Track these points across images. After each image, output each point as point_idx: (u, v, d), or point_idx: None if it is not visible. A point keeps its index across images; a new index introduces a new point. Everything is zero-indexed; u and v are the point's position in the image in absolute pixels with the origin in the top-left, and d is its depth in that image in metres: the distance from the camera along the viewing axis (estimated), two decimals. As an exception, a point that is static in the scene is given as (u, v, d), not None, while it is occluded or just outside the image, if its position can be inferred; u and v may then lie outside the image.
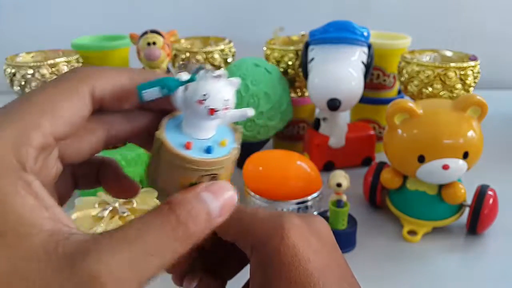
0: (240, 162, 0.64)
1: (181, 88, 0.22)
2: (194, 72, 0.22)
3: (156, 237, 0.18)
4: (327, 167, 0.62)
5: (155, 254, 0.18)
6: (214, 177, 0.22)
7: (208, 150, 0.22)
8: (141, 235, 0.18)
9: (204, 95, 0.21)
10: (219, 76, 0.21)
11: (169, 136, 0.22)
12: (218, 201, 0.21)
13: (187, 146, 0.22)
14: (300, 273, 0.22)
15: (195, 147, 0.22)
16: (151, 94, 0.21)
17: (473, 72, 0.52)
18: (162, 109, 0.24)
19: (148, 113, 0.24)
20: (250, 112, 0.24)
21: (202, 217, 0.20)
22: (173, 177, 0.22)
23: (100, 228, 0.40)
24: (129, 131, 0.24)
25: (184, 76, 0.22)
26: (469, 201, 0.48)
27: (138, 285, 0.17)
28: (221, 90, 0.21)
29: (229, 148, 0.23)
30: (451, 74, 0.51)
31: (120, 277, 0.17)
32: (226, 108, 0.22)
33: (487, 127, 0.49)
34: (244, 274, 0.27)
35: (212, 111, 0.21)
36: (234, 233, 0.25)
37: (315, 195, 0.49)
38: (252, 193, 0.49)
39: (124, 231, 0.18)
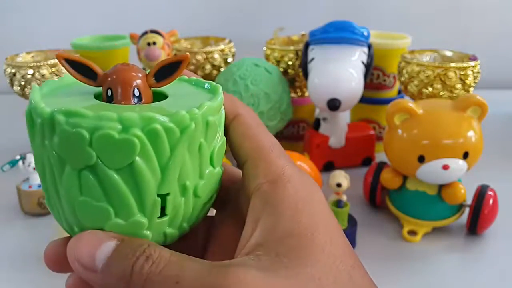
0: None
1: None
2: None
3: None
4: (327, 167, 0.61)
5: None
6: None
7: None
8: None
9: None
10: None
11: None
12: None
13: None
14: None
15: None
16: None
17: (473, 72, 0.52)
18: None
19: None
20: None
21: None
22: None
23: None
24: None
25: None
26: (469, 201, 0.48)
27: None
28: None
29: None
30: (451, 74, 0.51)
31: None
32: None
33: (487, 127, 0.49)
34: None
35: None
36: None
37: (315, 195, 0.49)
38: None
39: None
